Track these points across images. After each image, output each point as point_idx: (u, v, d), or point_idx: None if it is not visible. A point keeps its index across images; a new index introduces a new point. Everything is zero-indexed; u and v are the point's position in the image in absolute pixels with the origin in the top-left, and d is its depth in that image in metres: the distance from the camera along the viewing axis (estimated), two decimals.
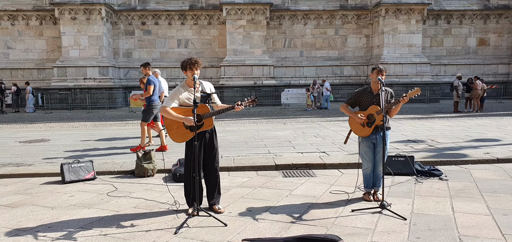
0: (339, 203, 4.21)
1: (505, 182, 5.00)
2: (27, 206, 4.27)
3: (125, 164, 6.10)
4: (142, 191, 4.83)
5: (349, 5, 22.21)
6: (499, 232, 3.32)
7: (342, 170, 5.77)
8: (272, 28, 22.02)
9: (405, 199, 4.31)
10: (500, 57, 23.18)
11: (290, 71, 22.35)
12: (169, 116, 3.77)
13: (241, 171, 5.80)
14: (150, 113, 7.34)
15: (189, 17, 21.61)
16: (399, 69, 21.06)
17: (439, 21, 22.79)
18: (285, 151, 7.23)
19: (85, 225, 3.64)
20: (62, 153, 7.36)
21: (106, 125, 12.62)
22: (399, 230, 3.40)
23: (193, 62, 3.75)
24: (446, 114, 14.56)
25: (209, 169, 3.96)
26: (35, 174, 5.67)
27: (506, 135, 8.75)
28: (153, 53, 21.78)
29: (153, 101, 7.36)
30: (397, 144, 7.62)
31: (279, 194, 4.58)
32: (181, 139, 3.85)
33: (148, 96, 7.24)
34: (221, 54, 21.63)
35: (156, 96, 7.42)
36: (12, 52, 21.13)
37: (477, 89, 15.57)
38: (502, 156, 6.26)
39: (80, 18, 19.73)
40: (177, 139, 3.86)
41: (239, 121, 13.14)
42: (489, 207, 3.99)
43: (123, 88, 21.04)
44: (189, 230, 3.45)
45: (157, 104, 7.42)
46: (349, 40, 22.51)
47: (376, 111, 4.06)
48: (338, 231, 3.40)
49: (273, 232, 3.40)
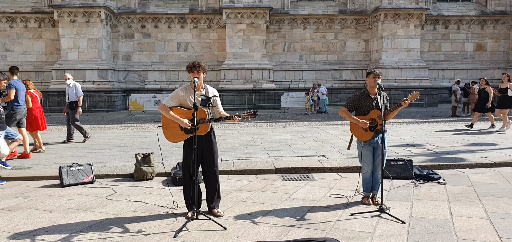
0: (338, 206, 4.22)
1: (503, 185, 5.02)
2: (25, 209, 4.26)
3: (124, 167, 6.09)
4: (141, 194, 4.82)
5: (348, 10, 22.32)
6: (496, 236, 3.34)
7: (341, 174, 5.78)
8: (271, 32, 22.09)
9: (404, 202, 4.32)
10: (497, 62, 23.32)
11: (289, 75, 22.40)
12: (167, 114, 3.81)
13: (240, 174, 5.81)
14: (11, 119, 7.09)
15: (189, 20, 21.66)
16: (397, 74, 21.15)
17: (437, 26, 22.93)
18: (284, 154, 7.24)
19: (83, 228, 3.63)
20: (61, 156, 7.35)
21: (105, 128, 12.61)
22: (398, 233, 3.41)
23: (195, 65, 3.79)
24: (444, 118, 14.61)
25: (208, 172, 3.97)
26: (33, 177, 5.66)
27: (503, 139, 8.79)
28: (152, 57, 21.80)
29: (16, 106, 7.13)
30: (396, 148, 7.65)
31: (278, 198, 4.59)
32: (174, 139, 3.89)
33: (11, 101, 6.98)
34: (221, 58, 21.66)
35: (20, 102, 7.16)
36: (10, 54, 21.10)
37: (474, 94, 15.63)
38: (499, 160, 6.30)
39: (80, 20, 19.74)
40: (171, 138, 3.91)
41: (238, 124, 13.14)
42: (487, 210, 4.01)
43: (122, 91, 21.03)
44: (188, 234, 3.44)
45: (20, 110, 7.21)
46: (348, 45, 22.60)
47: (377, 116, 4.11)
48: (338, 234, 3.41)
49: (273, 236, 3.40)
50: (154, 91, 20.85)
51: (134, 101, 18.73)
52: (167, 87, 21.32)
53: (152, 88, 21.36)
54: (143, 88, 21.46)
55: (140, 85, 21.62)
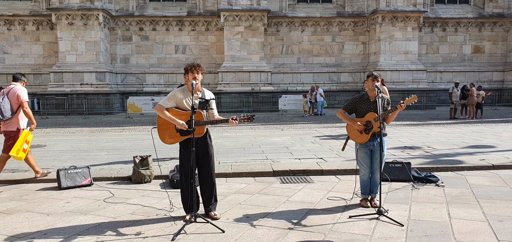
0: (336, 209, 4.22)
1: (501, 188, 5.03)
2: (23, 212, 4.23)
3: (122, 170, 6.07)
4: (139, 197, 4.81)
5: (346, 13, 22.39)
6: (495, 238, 3.34)
7: (340, 176, 5.78)
8: (269, 34, 22.13)
9: (402, 205, 4.32)
10: (495, 65, 23.44)
11: (287, 77, 22.43)
12: (163, 115, 3.81)
13: (238, 177, 5.80)
14: None
15: (187, 23, 21.68)
16: (395, 76, 21.21)
17: (435, 28, 23.03)
18: (282, 157, 7.23)
19: (81, 231, 3.61)
20: (58, 159, 7.32)
21: (103, 130, 12.57)
22: (396, 236, 3.41)
23: (194, 66, 3.78)
24: (442, 121, 14.64)
25: (204, 175, 3.96)
26: (31, 179, 5.63)
27: (501, 142, 8.82)
28: (150, 59, 21.80)
29: None
30: (394, 150, 7.66)
31: (276, 200, 4.58)
32: (169, 141, 3.89)
33: None
34: (219, 60, 21.68)
35: None
36: (8, 57, 21.05)
37: (472, 96, 15.70)
38: (497, 163, 6.31)
39: (78, 23, 19.73)
40: (166, 140, 3.91)
41: (236, 127, 13.13)
42: (485, 213, 4.01)
43: (120, 94, 21.01)
44: (186, 237, 3.43)
45: None
46: (346, 47, 22.66)
47: (373, 118, 4.09)
48: (336, 237, 3.40)
49: (271, 239, 3.39)
50: (152, 93, 20.83)
51: (132, 103, 18.71)
52: (165, 90, 21.30)
53: (150, 90, 21.35)
54: (141, 90, 21.44)
55: (138, 87, 21.60)
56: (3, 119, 5.30)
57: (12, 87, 5.48)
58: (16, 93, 5.39)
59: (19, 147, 5.27)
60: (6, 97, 5.37)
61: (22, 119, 5.53)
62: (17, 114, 5.40)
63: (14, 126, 5.41)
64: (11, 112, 5.33)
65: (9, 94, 5.40)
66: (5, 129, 5.41)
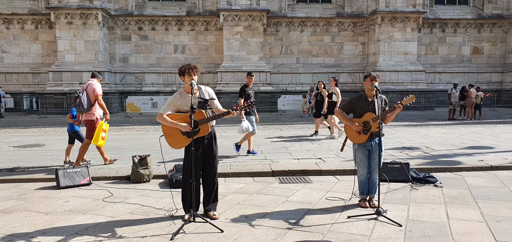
0: (335, 209, 4.23)
1: (499, 189, 5.04)
2: (21, 211, 4.23)
3: (121, 170, 6.07)
4: (138, 196, 4.81)
5: (346, 13, 22.40)
6: (493, 239, 3.35)
7: (338, 177, 5.78)
8: (269, 34, 22.13)
9: (401, 205, 4.33)
10: (494, 66, 23.48)
11: (286, 77, 22.43)
12: (165, 123, 3.79)
13: (237, 177, 5.81)
14: None
15: (186, 23, 21.66)
16: (394, 77, 21.24)
17: (434, 29, 23.07)
18: (281, 157, 7.24)
19: (80, 231, 3.61)
20: (57, 158, 7.31)
21: None
22: (394, 236, 3.42)
23: (191, 68, 3.78)
24: (441, 121, 14.67)
25: (207, 174, 3.97)
26: (30, 179, 5.63)
27: (500, 143, 8.84)
28: (149, 59, 21.77)
29: None
30: (393, 151, 7.67)
31: (275, 200, 4.59)
32: (178, 145, 3.87)
33: None
34: (218, 60, 21.67)
35: None
36: (6, 56, 21.00)
37: (471, 97, 15.73)
38: (495, 163, 6.33)
39: (76, 22, 19.70)
40: (175, 145, 3.88)
41: (236, 126, 13.13)
42: (483, 214, 4.02)
43: (119, 93, 20.97)
44: (185, 236, 3.44)
45: None
46: (345, 48, 22.68)
47: (372, 119, 4.10)
48: (334, 237, 3.41)
49: (270, 239, 3.40)
50: (151, 93, 20.81)
51: (131, 103, 18.70)
52: (164, 90, 21.30)
53: (149, 90, 21.33)
54: (140, 90, 21.42)
55: (137, 87, 21.57)
56: (84, 111, 6.19)
57: (89, 83, 6.29)
58: (93, 88, 6.24)
59: (98, 135, 6.15)
60: (85, 92, 6.22)
61: (98, 110, 6.37)
62: (94, 106, 6.25)
63: (92, 116, 6.27)
64: (89, 104, 6.18)
65: (87, 89, 6.24)
66: (86, 118, 6.31)
